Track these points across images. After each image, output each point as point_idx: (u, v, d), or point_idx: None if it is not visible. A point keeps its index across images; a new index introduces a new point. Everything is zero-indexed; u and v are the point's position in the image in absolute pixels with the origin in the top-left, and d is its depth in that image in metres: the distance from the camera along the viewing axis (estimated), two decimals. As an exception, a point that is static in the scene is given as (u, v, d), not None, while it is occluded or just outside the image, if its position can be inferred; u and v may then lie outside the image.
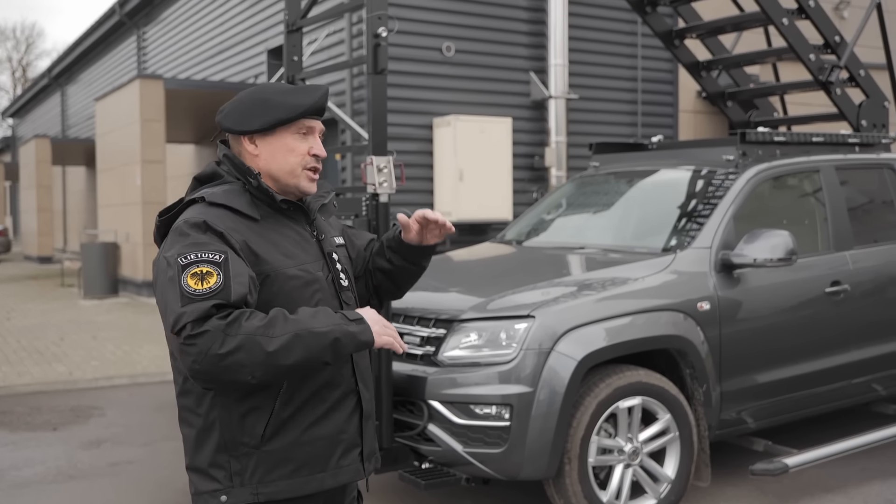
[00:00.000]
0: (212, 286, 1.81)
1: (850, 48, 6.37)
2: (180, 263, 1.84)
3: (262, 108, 2.00)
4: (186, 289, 1.81)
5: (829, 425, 5.66)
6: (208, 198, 1.98)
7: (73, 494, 4.95)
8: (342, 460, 2.04)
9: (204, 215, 1.93)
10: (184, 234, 1.90)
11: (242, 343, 1.78)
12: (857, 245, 5.21)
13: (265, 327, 1.81)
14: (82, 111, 24.26)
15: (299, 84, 2.06)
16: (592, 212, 5.77)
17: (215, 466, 1.97)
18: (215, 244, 1.88)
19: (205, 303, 1.79)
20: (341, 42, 10.58)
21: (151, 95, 13.37)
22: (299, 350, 1.83)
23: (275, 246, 1.99)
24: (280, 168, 2.04)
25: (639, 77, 11.94)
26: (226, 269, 1.84)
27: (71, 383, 7.73)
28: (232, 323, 1.79)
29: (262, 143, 2.04)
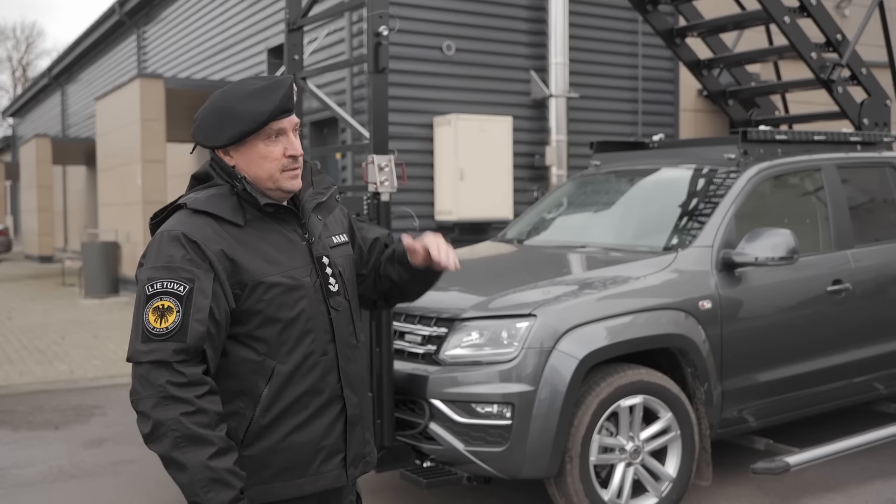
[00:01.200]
0: (169, 326, 1.85)
1: (852, 46, 6.37)
2: (146, 293, 1.89)
3: (227, 120, 1.97)
4: (147, 325, 1.86)
5: (830, 424, 5.66)
6: (190, 204, 1.97)
7: (75, 493, 4.95)
8: (323, 466, 2.02)
9: (182, 226, 1.94)
10: (160, 249, 1.93)
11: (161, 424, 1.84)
12: (859, 244, 5.21)
13: (188, 440, 1.83)
14: (82, 110, 24.25)
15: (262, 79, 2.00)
16: (593, 211, 5.77)
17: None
18: (185, 269, 1.89)
19: (163, 345, 1.85)
20: (341, 41, 10.57)
21: (151, 95, 13.36)
22: (179, 480, 1.86)
23: (258, 253, 1.97)
24: (257, 176, 2.01)
25: (639, 76, 11.93)
26: (187, 304, 1.87)
27: (72, 382, 7.74)
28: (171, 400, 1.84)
29: (236, 153, 2.02)
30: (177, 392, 1.84)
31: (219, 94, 2.03)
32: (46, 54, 55.68)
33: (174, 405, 1.84)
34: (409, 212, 9.77)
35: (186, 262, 1.90)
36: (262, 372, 1.96)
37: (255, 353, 1.97)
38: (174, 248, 1.91)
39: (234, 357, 1.96)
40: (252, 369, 1.96)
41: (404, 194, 9.26)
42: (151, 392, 1.84)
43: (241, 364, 1.97)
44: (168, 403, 1.83)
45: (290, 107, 2.01)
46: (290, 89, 2.00)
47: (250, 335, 1.96)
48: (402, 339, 4.39)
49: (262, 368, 1.96)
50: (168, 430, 1.83)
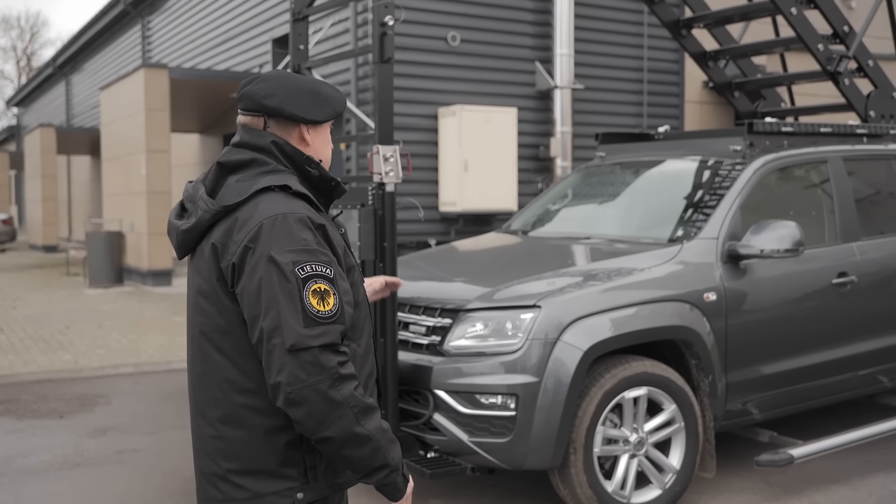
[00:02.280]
0: (331, 308, 1.82)
1: (859, 38, 6.35)
2: (299, 276, 1.82)
3: (320, 100, 2.01)
4: (310, 309, 1.80)
5: (834, 417, 5.66)
6: (294, 186, 1.91)
7: (80, 482, 4.97)
8: None
9: (302, 208, 1.89)
10: (289, 232, 1.84)
11: (341, 403, 1.81)
12: (865, 236, 5.19)
13: (363, 411, 1.83)
14: (87, 100, 24.27)
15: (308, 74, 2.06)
16: (598, 202, 5.76)
17: (288, 465, 1.91)
18: (323, 252, 1.87)
19: (332, 327, 1.82)
20: (346, 31, 10.55)
21: (156, 85, 13.35)
22: (362, 451, 1.84)
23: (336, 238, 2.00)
24: (326, 157, 2.08)
25: (645, 67, 11.90)
26: (337, 287, 1.86)
27: (77, 372, 7.75)
28: (347, 378, 1.82)
29: (314, 133, 2.04)
30: (347, 370, 1.83)
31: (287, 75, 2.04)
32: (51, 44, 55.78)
33: (348, 382, 1.82)
34: (414, 202, 9.77)
35: (319, 245, 1.88)
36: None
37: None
38: (304, 231, 1.86)
39: None
40: None
41: (409, 185, 9.26)
42: (324, 376, 1.79)
43: None
44: (342, 383, 1.81)
45: None
46: None
47: None
48: (407, 329, 4.39)
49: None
50: (347, 407, 1.81)
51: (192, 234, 1.95)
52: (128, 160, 14.48)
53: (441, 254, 5.60)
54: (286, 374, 1.77)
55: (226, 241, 1.88)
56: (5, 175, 31.42)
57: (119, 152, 15.05)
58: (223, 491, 1.93)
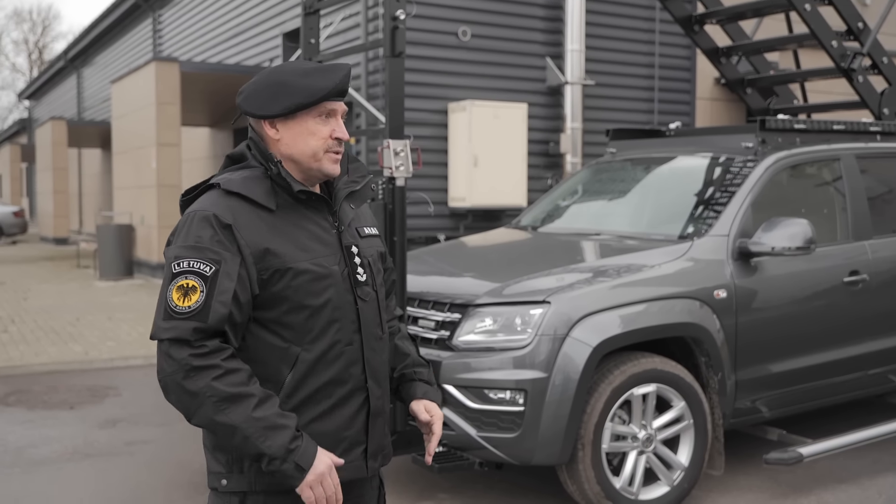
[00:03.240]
0: (192, 305, 1.85)
1: (874, 35, 6.30)
2: (173, 270, 1.89)
3: (283, 92, 1.95)
4: (170, 303, 1.87)
5: (844, 416, 5.64)
6: (224, 185, 1.95)
7: (90, 473, 4.99)
8: (344, 457, 1.99)
9: (214, 207, 1.92)
10: (190, 229, 1.92)
11: (197, 394, 1.84)
12: (877, 235, 5.16)
13: (225, 400, 1.84)
14: (98, 94, 24.32)
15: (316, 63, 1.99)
16: (609, 198, 5.75)
17: (217, 451, 1.98)
18: (212, 250, 1.88)
19: (184, 323, 1.85)
20: (357, 26, 10.54)
21: (167, 78, 13.37)
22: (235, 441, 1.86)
23: (289, 238, 1.95)
24: (302, 152, 1.99)
25: (656, 63, 11.85)
26: (212, 285, 1.86)
27: (87, 363, 7.79)
28: (201, 370, 1.84)
29: (284, 127, 1.99)
30: (201, 361, 1.84)
31: (271, 69, 2.01)
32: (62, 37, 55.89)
33: (203, 373, 1.84)
34: (424, 197, 9.77)
35: (215, 243, 1.89)
36: (286, 358, 1.95)
37: (281, 340, 1.95)
38: (204, 229, 1.90)
39: (259, 342, 1.95)
40: (277, 355, 1.95)
41: (418, 180, 9.24)
42: (176, 367, 1.84)
43: (266, 350, 1.95)
44: (195, 374, 1.84)
45: (346, 90, 2.02)
46: (348, 73, 2.01)
47: (277, 321, 1.94)
48: (416, 324, 4.39)
49: (286, 355, 1.95)
50: (204, 398, 1.84)
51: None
52: (138, 153, 14.51)
53: (450, 249, 5.60)
54: (158, 364, 1.89)
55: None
56: (17, 168, 31.57)
57: (130, 145, 15.09)
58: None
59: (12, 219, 24.49)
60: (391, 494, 4.44)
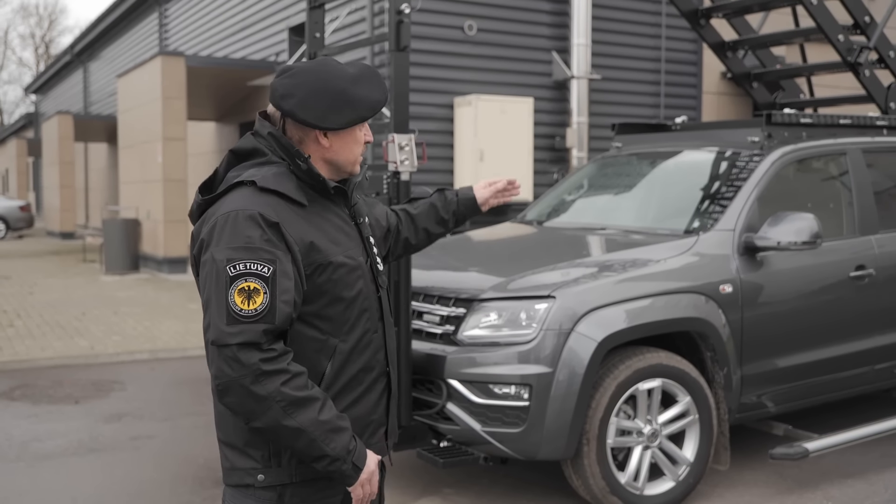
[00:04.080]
0: (258, 308, 1.83)
1: (881, 29, 6.27)
2: (229, 274, 1.84)
3: (341, 104, 1.95)
4: (233, 307, 1.83)
5: (850, 411, 5.62)
6: (260, 182, 1.93)
7: (95, 467, 5.00)
8: (371, 439, 2.09)
9: (257, 206, 1.89)
10: (235, 228, 1.87)
11: (265, 399, 1.84)
12: (883, 229, 5.14)
13: (292, 404, 1.86)
14: (104, 88, 24.35)
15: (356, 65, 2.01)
16: (614, 193, 5.73)
17: (252, 447, 1.97)
18: (266, 250, 1.86)
19: (252, 326, 1.83)
20: (363, 20, 10.53)
21: (173, 73, 13.38)
22: (300, 443, 1.89)
23: (323, 233, 1.99)
24: (347, 159, 2.05)
25: (662, 58, 11.81)
26: (273, 285, 1.85)
27: (92, 357, 7.81)
28: (271, 374, 1.84)
29: (336, 137, 2.02)
30: (272, 366, 1.85)
31: (315, 71, 1.98)
32: (69, 31, 55.97)
33: (273, 378, 1.85)
34: (429, 191, 9.75)
35: (265, 242, 1.87)
36: (325, 350, 1.99)
37: (320, 332, 1.99)
38: (252, 229, 1.87)
39: (298, 336, 1.97)
40: (316, 348, 1.98)
41: (424, 175, 9.21)
42: (245, 372, 1.83)
43: (305, 343, 1.97)
44: (266, 378, 1.84)
45: None
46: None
47: (317, 314, 1.97)
48: (421, 318, 4.39)
49: (325, 347, 1.99)
50: (273, 402, 1.85)
51: (192, 221, 2.05)
52: (144, 148, 14.53)
53: (456, 243, 5.59)
54: (215, 368, 1.86)
55: (198, 233, 1.96)
56: (23, 162, 31.61)
57: (136, 140, 15.11)
58: (221, 456, 2.06)
59: (18, 213, 24.55)
60: (396, 489, 4.46)
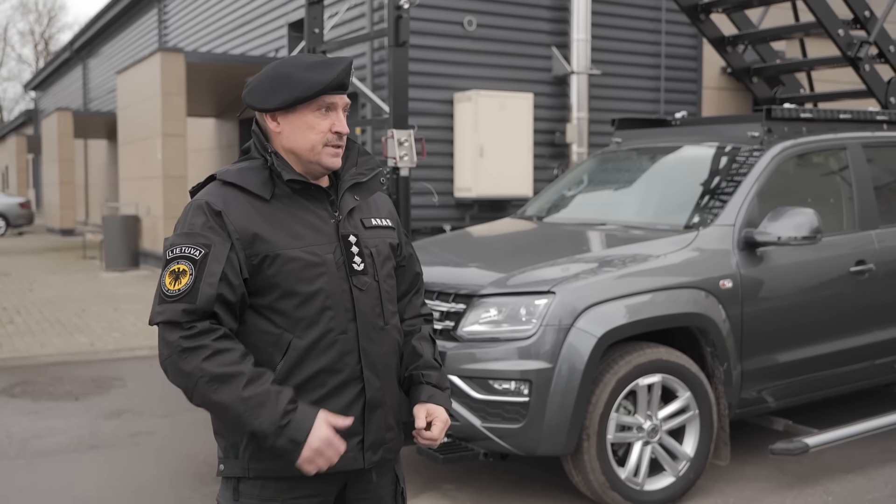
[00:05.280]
0: (181, 288, 1.91)
1: (881, 23, 6.26)
2: (167, 257, 1.97)
3: (282, 86, 1.99)
4: (163, 288, 1.94)
5: (849, 406, 5.62)
6: (219, 176, 2.04)
7: (95, 464, 5.00)
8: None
9: (208, 196, 2.00)
10: (185, 217, 2.00)
11: (189, 374, 1.89)
12: (884, 224, 5.13)
13: (215, 379, 1.88)
14: (104, 84, 24.31)
15: (321, 56, 2.02)
16: (614, 188, 5.72)
17: (218, 435, 2.06)
18: (203, 235, 1.95)
19: (174, 305, 1.91)
20: (362, 16, 10.51)
21: (172, 69, 13.35)
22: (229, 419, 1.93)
23: (281, 226, 1.99)
24: (301, 145, 2.03)
25: (662, 53, 11.79)
26: (200, 268, 1.92)
27: (92, 354, 7.80)
28: (192, 350, 1.89)
29: (284, 120, 2.03)
30: (191, 343, 1.89)
31: (276, 62, 2.07)
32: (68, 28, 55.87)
33: (192, 354, 1.89)
34: (429, 187, 9.75)
35: (206, 228, 1.96)
36: (278, 345, 1.98)
37: (273, 326, 1.99)
38: (197, 216, 1.98)
39: (253, 328, 2.00)
40: (269, 342, 1.99)
41: (423, 170, 9.22)
42: (171, 350, 1.90)
43: (259, 335, 1.99)
44: (186, 355, 1.89)
45: (345, 84, 2.04)
46: (348, 67, 2.03)
47: (270, 307, 1.98)
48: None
49: (279, 342, 1.98)
50: (196, 379, 1.89)
51: None
52: (144, 144, 14.51)
53: (455, 239, 5.59)
54: (158, 348, 1.95)
55: None
56: (23, 159, 31.59)
57: (135, 136, 15.09)
58: None
59: (18, 210, 24.54)
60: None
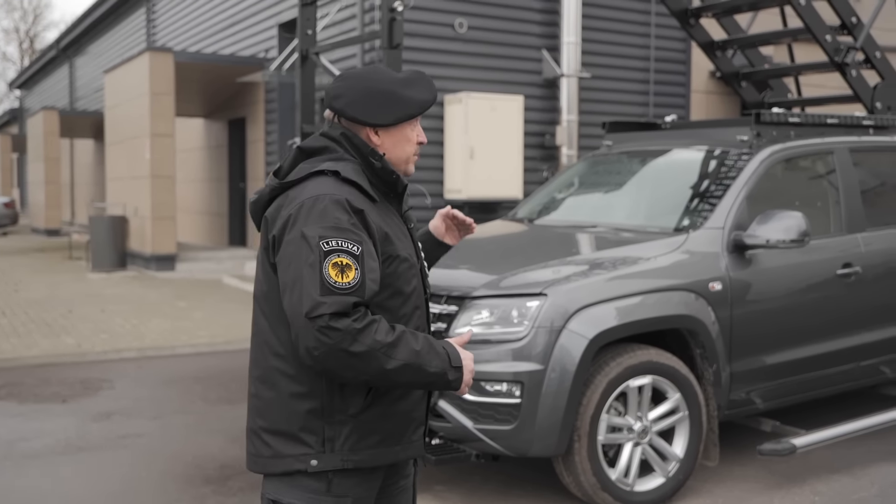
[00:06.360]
0: (350, 281, 1.92)
1: (867, 29, 6.32)
2: (322, 249, 1.93)
3: (390, 103, 2.07)
4: (328, 279, 1.91)
5: (836, 407, 5.67)
6: (343, 173, 2.04)
7: (83, 466, 4.98)
8: (413, 435, 2.15)
9: (343, 193, 2.00)
10: (325, 211, 1.97)
11: (366, 352, 1.91)
12: (870, 227, 5.19)
13: (389, 346, 1.93)
14: (91, 83, 24.21)
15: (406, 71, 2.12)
16: (605, 191, 5.76)
17: (307, 431, 2.03)
18: (354, 232, 1.96)
19: (346, 298, 1.91)
20: (353, 17, 10.52)
21: (161, 68, 13.32)
22: (406, 377, 1.97)
23: (391, 228, 2.09)
24: (398, 157, 2.15)
25: (651, 56, 11.86)
26: (362, 263, 1.95)
27: (79, 356, 7.77)
28: (364, 330, 1.91)
29: (386, 134, 2.12)
30: (363, 324, 1.92)
31: (366, 74, 2.11)
32: (54, 26, 55.57)
33: (367, 332, 1.91)
34: (421, 189, 9.77)
35: (352, 225, 1.98)
36: None
37: None
38: (339, 212, 1.97)
39: None
40: None
41: (415, 172, 9.24)
42: (342, 336, 1.89)
43: None
44: (361, 335, 1.91)
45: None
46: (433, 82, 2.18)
47: (380, 305, 2.05)
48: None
49: None
50: (374, 352, 1.91)
51: (256, 207, 2.13)
52: (132, 144, 14.46)
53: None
54: (312, 340, 1.89)
55: (275, 215, 2.04)
56: (8, 158, 31.40)
57: (123, 136, 15.03)
58: (255, 446, 2.09)
59: (3, 210, 24.37)
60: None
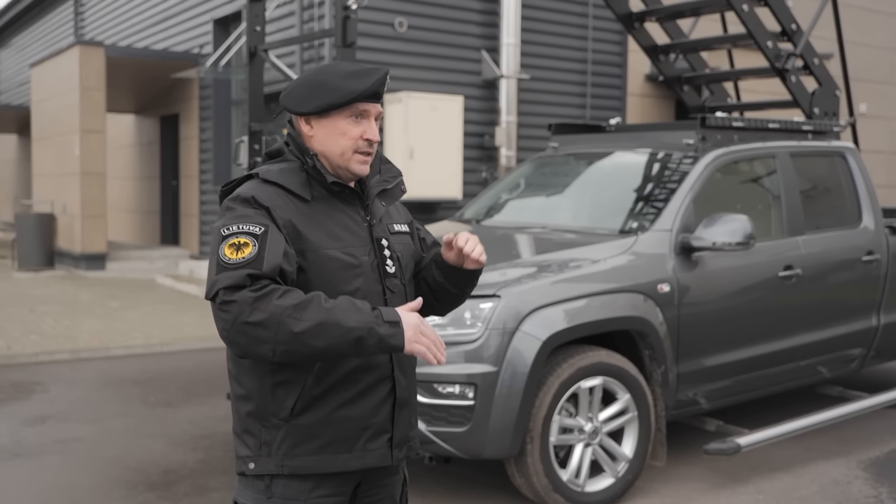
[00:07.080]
0: (245, 256, 1.90)
1: (806, 36, 6.48)
2: (221, 234, 1.96)
3: (319, 91, 2.06)
4: (222, 258, 1.92)
5: (773, 406, 5.80)
6: (262, 175, 2.07)
7: (21, 472, 4.80)
8: (369, 444, 2.06)
9: (254, 191, 2.03)
10: (231, 208, 2.01)
11: (268, 318, 1.85)
12: (809, 230, 5.32)
13: (296, 308, 1.86)
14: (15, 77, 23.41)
15: (360, 64, 2.07)
16: (551, 192, 5.78)
17: (247, 434, 2.05)
18: (259, 218, 1.97)
19: (238, 271, 1.89)
20: (292, 14, 10.38)
21: (91, 63, 12.95)
22: (323, 339, 1.87)
23: (321, 227, 2.05)
24: (331, 150, 2.09)
25: (589, 59, 11.99)
26: (262, 240, 1.93)
27: (10, 358, 7.49)
28: (262, 297, 1.86)
29: (317, 125, 2.10)
30: (262, 292, 1.87)
31: (316, 68, 2.13)
32: (-26, 17, 53.43)
33: (265, 299, 1.86)
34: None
35: (258, 216, 1.99)
36: None
37: None
38: (247, 208, 2.00)
39: None
40: None
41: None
42: (238, 308, 1.85)
43: None
44: (259, 303, 1.85)
45: (380, 93, 2.09)
46: (384, 77, 2.09)
47: None
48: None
49: None
50: (277, 317, 1.85)
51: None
52: (61, 140, 14.03)
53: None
54: (218, 321, 1.89)
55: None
56: (-74, 152, 30.15)
57: (51, 132, 14.57)
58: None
59: (-79, 206, 23.41)
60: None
